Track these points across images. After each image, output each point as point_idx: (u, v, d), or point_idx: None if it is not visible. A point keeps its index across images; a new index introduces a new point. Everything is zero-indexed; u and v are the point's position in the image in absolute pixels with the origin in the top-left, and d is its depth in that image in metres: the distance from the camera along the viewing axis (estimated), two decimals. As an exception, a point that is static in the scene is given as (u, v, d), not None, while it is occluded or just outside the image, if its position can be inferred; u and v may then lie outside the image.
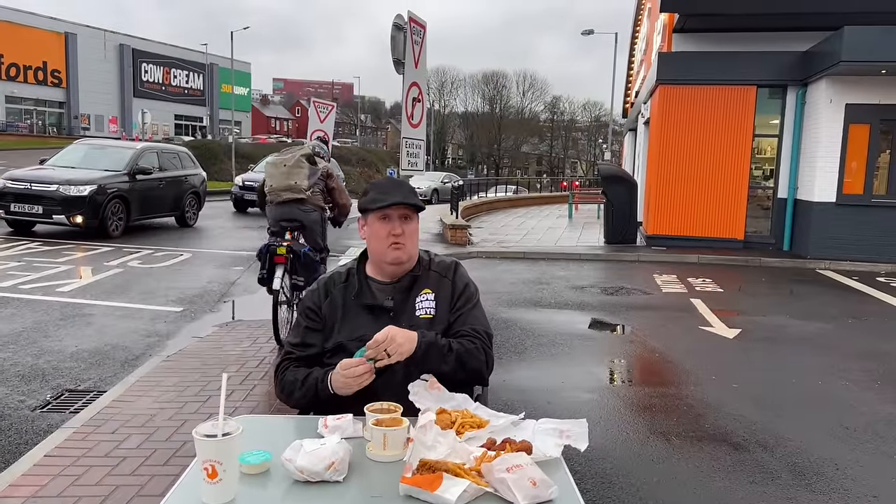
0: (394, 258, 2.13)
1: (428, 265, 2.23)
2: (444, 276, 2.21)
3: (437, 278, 2.21)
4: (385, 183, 2.26)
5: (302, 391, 2.05)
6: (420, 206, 2.18)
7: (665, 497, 3.44)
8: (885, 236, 11.85)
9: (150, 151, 13.50)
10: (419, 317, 2.12)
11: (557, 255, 12.44)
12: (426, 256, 2.27)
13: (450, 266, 2.26)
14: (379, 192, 2.17)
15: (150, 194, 12.96)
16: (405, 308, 2.13)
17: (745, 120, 13.04)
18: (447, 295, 2.18)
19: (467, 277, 2.27)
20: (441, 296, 2.17)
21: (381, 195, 2.14)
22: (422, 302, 2.15)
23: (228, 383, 4.60)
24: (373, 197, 2.15)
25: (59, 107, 48.87)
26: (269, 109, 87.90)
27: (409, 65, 5.68)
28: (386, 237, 2.10)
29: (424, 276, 2.19)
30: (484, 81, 79.17)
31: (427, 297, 2.16)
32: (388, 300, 2.14)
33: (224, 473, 1.39)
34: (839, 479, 3.66)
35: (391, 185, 2.22)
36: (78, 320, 6.38)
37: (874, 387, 5.33)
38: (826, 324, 7.56)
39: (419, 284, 2.17)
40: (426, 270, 2.21)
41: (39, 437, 3.74)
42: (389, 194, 2.13)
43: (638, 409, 4.71)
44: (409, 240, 2.14)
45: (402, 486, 1.45)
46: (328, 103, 12.34)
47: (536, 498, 1.44)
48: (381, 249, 2.13)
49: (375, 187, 2.22)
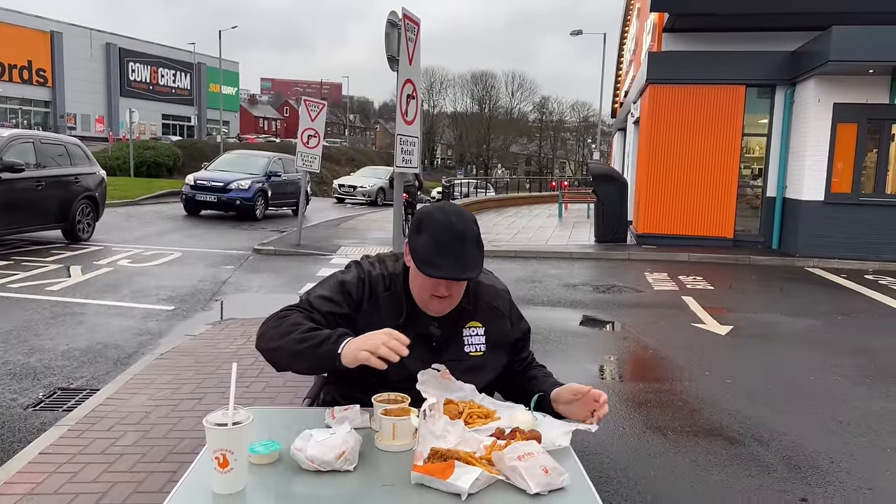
0: (437, 312, 1.87)
1: (476, 292, 1.94)
2: (497, 310, 1.96)
3: (488, 311, 1.95)
4: (445, 233, 1.76)
5: (299, 336, 1.74)
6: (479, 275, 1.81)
7: (663, 491, 3.46)
8: (873, 234, 11.96)
9: (21, 141, 10.18)
10: (469, 353, 1.90)
11: (548, 253, 12.47)
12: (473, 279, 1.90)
13: (503, 297, 2.00)
14: (436, 249, 1.75)
15: (22, 199, 9.79)
16: (451, 339, 1.90)
17: (735, 119, 13.13)
18: (503, 334, 1.96)
19: (519, 310, 2.05)
20: (493, 332, 1.94)
21: (435, 255, 1.74)
22: (470, 337, 1.92)
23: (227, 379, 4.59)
24: (425, 255, 1.75)
25: (44, 106, 48.37)
26: (257, 109, 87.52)
27: (403, 61, 5.66)
28: (430, 290, 1.82)
29: (474, 307, 1.93)
30: (473, 81, 79.40)
31: (476, 331, 1.92)
32: (434, 326, 1.88)
33: (235, 462, 1.38)
34: (834, 472, 3.69)
35: (452, 244, 1.76)
36: (69, 319, 6.32)
37: (866, 382, 5.38)
38: (816, 320, 7.62)
39: (467, 316, 1.92)
40: (475, 299, 1.93)
41: (33, 435, 3.70)
42: (447, 261, 1.73)
43: (633, 405, 4.73)
44: (456, 294, 1.85)
45: (414, 475, 1.44)
46: (319, 102, 12.26)
47: (548, 486, 1.44)
48: (423, 298, 1.85)
49: (432, 234, 1.77)
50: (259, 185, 16.48)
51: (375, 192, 24.95)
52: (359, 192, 24.83)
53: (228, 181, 16.05)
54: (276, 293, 8.20)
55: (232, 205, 16.01)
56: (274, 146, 44.32)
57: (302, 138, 11.79)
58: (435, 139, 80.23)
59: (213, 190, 15.97)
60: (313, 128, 11.85)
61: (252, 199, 16.09)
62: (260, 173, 16.87)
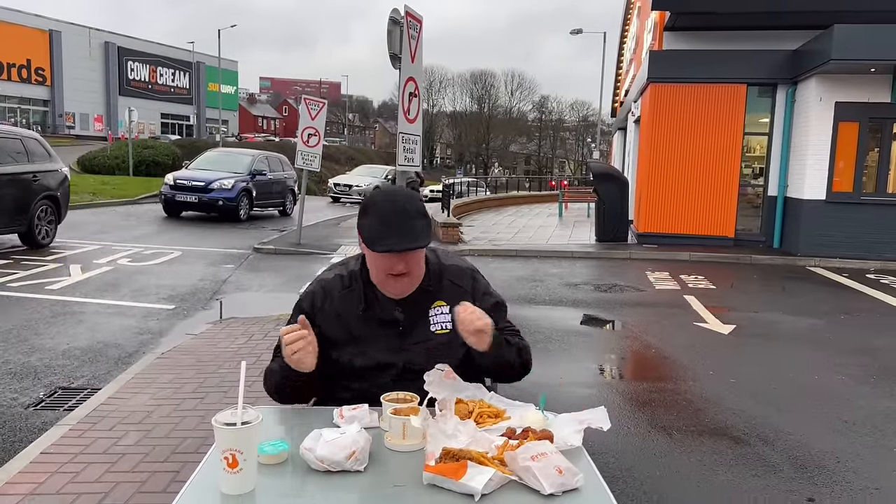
0: (395, 293, 1.91)
1: (439, 273, 1.97)
2: (460, 288, 1.98)
3: (452, 288, 1.97)
4: (388, 210, 1.83)
5: (277, 375, 1.92)
6: (426, 244, 1.88)
7: (669, 491, 3.43)
8: (875, 234, 11.94)
9: None
10: (435, 332, 1.93)
11: (549, 252, 12.44)
12: (434, 258, 1.99)
13: (465, 275, 2.02)
14: (379, 226, 1.81)
15: None
16: (416, 321, 1.93)
17: (736, 118, 13.10)
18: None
19: (487, 285, 2.06)
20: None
21: (380, 231, 1.81)
22: (436, 315, 1.95)
23: (229, 378, 4.56)
24: (371, 233, 1.82)
25: (43, 105, 48.35)
26: (256, 108, 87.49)
27: (405, 59, 5.64)
28: (385, 270, 1.85)
29: (437, 287, 1.96)
30: (472, 81, 79.37)
31: (441, 310, 1.95)
32: (398, 311, 1.92)
33: (244, 463, 1.36)
34: (841, 472, 3.67)
35: (395, 218, 1.82)
36: (69, 318, 6.29)
37: (870, 381, 5.36)
38: (819, 320, 7.60)
39: (431, 297, 1.95)
40: (437, 280, 1.96)
41: (34, 435, 3.67)
42: (390, 233, 1.79)
43: (637, 404, 4.71)
44: (414, 269, 1.88)
45: (426, 475, 1.42)
46: (319, 100, 12.22)
47: (562, 486, 1.42)
48: (380, 280, 1.89)
49: (376, 213, 1.84)
50: (243, 184, 15.71)
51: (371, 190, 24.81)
52: (354, 191, 24.46)
53: (210, 181, 15.21)
54: (276, 292, 8.17)
55: (214, 205, 15.19)
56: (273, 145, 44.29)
57: (302, 137, 11.75)
58: (434, 138, 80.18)
59: (194, 190, 15.13)
60: (313, 126, 11.82)
61: (235, 200, 15.34)
62: (244, 172, 16.11)
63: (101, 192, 19.72)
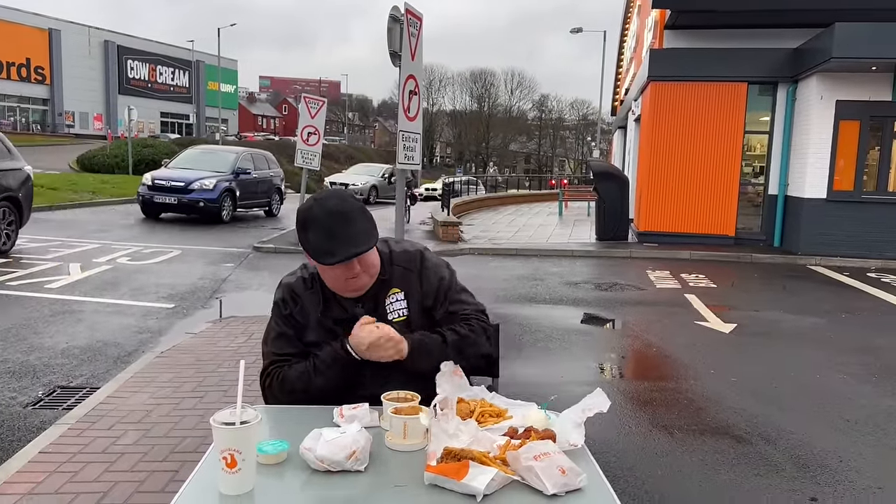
0: (355, 292, 1.92)
1: (390, 260, 1.99)
2: (409, 271, 1.99)
3: (403, 273, 1.99)
4: (326, 220, 1.80)
5: (324, 372, 1.88)
6: (374, 243, 1.87)
7: (671, 490, 3.41)
8: (875, 232, 11.92)
9: None
10: (392, 321, 1.93)
11: (549, 251, 12.43)
12: (385, 248, 2.00)
13: (414, 257, 2.02)
14: (323, 239, 1.79)
15: None
16: (377, 313, 1.93)
17: (736, 116, 13.08)
18: (417, 292, 1.98)
19: (437, 264, 2.05)
20: (412, 293, 1.98)
21: (325, 244, 1.79)
22: (392, 304, 1.96)
23: (228, 377, 4.53)
24: (317, 248, 1.81)
25: (43, 104, 48.34)
26: (255, 107, 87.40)
27: (405, 57, 5.62)
28: (340, 277, 1.86)
29: (390, 276, 1.97)
30: (472, 79, 79.32)
31: (396, 296, 1.97)
32: (359, 308, 1.94)
33: (243, 463, 1.34)
34: (843, 472, 3.65)
35: (336, 227, 1.79)
36: (68, 317, 6.27)
37: (872, 380, 5.34)
38: (820, 319, 7.58)
39: (385, 286, 1.96)
40: (389, 267, 1.97)
41: (33, 434, 3.66)
42: (339, 245, 1.78)
43: (639, 403, 4.69)
44: (369, 268, 1.89)
45: (428, 475, 1.40)
46: (319, 99, 12.20)
47: (566, 486, 1.40)
48: (339, 286, 1.90)
49: (317, 226, 1.80)
50: (226, 183, 14.83)
51: (368, 189, 24.25)
52: (350, 189, 23.81)
53: (190, 180, 14.33)
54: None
55: (194, 207, 14.30)
56: (273, 144, 44.25)
57: (302, 135, 11.73)
58: (434, 137, 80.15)
59: (173, 191, 14.26)
60: (313, 125, 11.80)
61: (218, 200, 14.44)
62: (227, 171, 15.22)
63: (100, 190, 19.70)
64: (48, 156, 29.97)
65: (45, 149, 34.99)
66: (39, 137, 42.51)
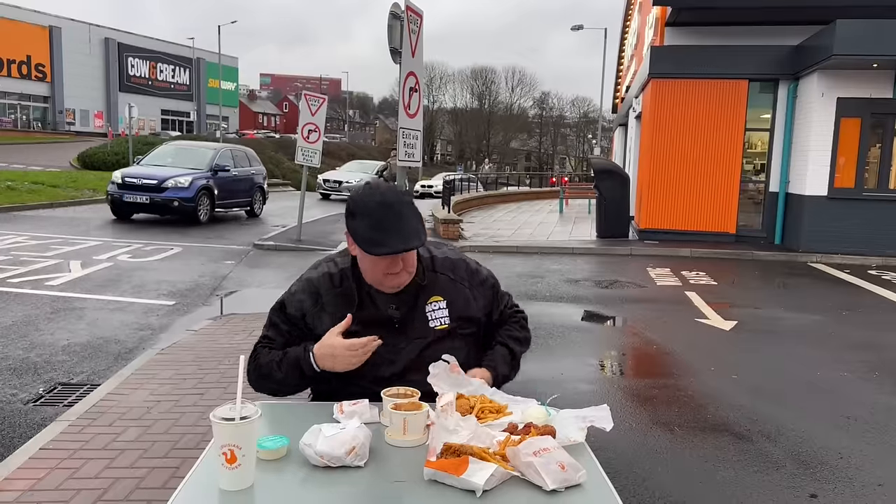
0: (392, 287, 1.88)
1: (431, 265, 1.95)
2: (455, 281, 1.96)
3: (448, 282, 1.95)
4: (381, 210, 1.78)
5: (283, 371, 1.87)
6: (424, 242, 1.84)
7: (672, 487, 3.41)
8: (876, 230, 11.91)
9: None
10: (434, 328, 1.91)
11: (550, 249, 12.42)
12: (426, 253, 1.96)
13: (458, 266, 2.00)
14: (375, 227, 1.77)
15: None
16: (413, 317, 1.90)
17: (737, 114, 13.06)
18: (464, 303, 1.96)
19: (483, 274, 2.06)
20: (455, 303, 1.95)
21: (377, 233, 1.76)
22: (433, 311, 1.92)
23: (229, 374, 4.53)
24: (367, 236, 1.78)
25: (43, 101, 48.29)
26: (256, 105, 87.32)
27: (405, 54, 5.61)
28: (383, 270, 1.83)
29: (431, 282, 1.93)
30: (473, 77, 79.22)
31: (439, 304, 1.93)
32: (393, 308, 1.90)
33: (243, 458, 1.34)
34: (844, 469, 3.65)
35: (390, 219, 1.77)
36: (69, 314, 6.28)
37: (872, 377, 5.34)
38: (821, 316, 7.57)
39: (426, 292, 1.93)
40: (431, 273, 1.94)
41: (33, 431, 3.66)
42: (389, 236, 1.75)
43: (639, 401, 4.69)
44: (409, 266, 1.86)
45: (427, 471, 1.40)
46: (319, 96, 12.18)
47: (565, 482, 1.40)
48: (376, 280, 1.87)
49: (370, 215, 1.78)
50: (203, 181, 13.90)
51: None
52: (344, 187, 23.21)
53: (164, 178, 13.42)
54: (276, 288, 8.15)
55: (168, 206, 13.36)
56: (274, 142, 44.23)
57: (302, 133, 11.73)
58: (435, 135, 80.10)
59: (145, 189, 13.27)
60: (314, 122, 11.79)
61: (193, 199, 13.51)
62: (204, 168, 14.35)
63: (101, 188, 19.61)
64: (49, 153, 30.01)
65: (45, 146, 35.03)
66: (40, 135, 42.52)
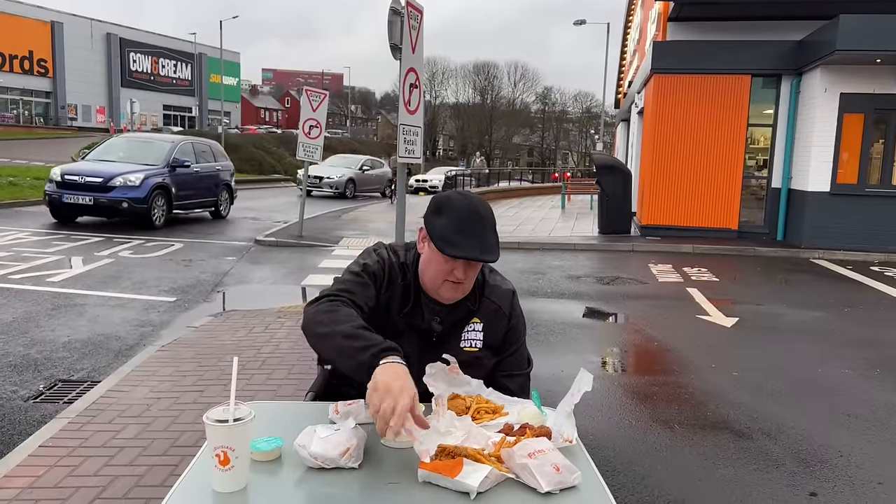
0: (449, 298, 1.85)
1: (482, 289, 1.94)
2: (500, 309, 1.96)
3: (491, 308, 1.95)
4: (467, 215, 1.77)
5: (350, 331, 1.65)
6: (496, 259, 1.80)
7: (671, 485, 3.41)
8: (879, 226, 11.88)
9: None
10: (464, 349, 1.90)
11: (552, 245, 12.41)
12: (480, 276, 1.93)
13: (506, 297, 1.98)
14: (457, 229, 1.75)
15: None
16: (451, 335, 1.90)
17: (740, 109, 13.03)
18: (500, 330, 1.96)
19: (522, 314, 2.03)
20: (491, 328, 1.94)
21: (458, 235, 1.74)
22: (469, 332, 1.92)
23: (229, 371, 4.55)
24: (447, 236, 1.75)
25: (45, 97, 48.34)
26: (258, 100, 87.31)
27: (406, 50, 5.58)
28: (445, 275, 1.80)
29: (477, 304, 1.93)
30: (475, 72, 79.06)
31: (475, 326, 1.92)
32: (436, 321, 1.89)
33: (236, 460, 1.33)
34: (843, 467, 3.64)
35: (474, 225, 1.76)
36: (70, 310, 6.28)
37: (874, 374, 5.33)
38: (822, 312, 7.56)
39: (470, 312, 1.92)
40: (479, 295, 1.93)
41: (33, 428, 3.66)
42: (468, 241, 1.74)
43: (639, 398, 4.68)
44: (469, 281, 1.84)
45: (421, 472, 1.39)
46: (320, 91, 12.16)
47: (560, 484, 1.39)
48: (436, 283, 1.83)
49: (454, 216, 1.77)
50: (158, 179, 12.12)
51: (344, 183, 22.37)
52: (325, 183, 22.29)
53: (110, 175, 11.60)
54: (278, 285, 8.16)
55: (116, 208, 11.51)
56: (275, 137, 44.17)
57: (303, 128, 11.71)
58: (437, 130, 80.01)
59: (89, 188, 11.46)
60: (315, 118, 11.77)
61: (146, 200, 11.70)
62: (159, 164, 12.52)
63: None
64: (51, 149, 30.01)
65: (47, 142, 35.05)
66: (42, 130, 42.55)
